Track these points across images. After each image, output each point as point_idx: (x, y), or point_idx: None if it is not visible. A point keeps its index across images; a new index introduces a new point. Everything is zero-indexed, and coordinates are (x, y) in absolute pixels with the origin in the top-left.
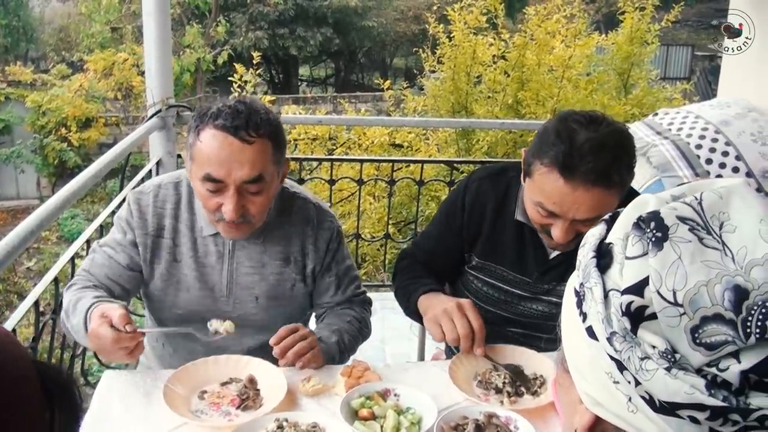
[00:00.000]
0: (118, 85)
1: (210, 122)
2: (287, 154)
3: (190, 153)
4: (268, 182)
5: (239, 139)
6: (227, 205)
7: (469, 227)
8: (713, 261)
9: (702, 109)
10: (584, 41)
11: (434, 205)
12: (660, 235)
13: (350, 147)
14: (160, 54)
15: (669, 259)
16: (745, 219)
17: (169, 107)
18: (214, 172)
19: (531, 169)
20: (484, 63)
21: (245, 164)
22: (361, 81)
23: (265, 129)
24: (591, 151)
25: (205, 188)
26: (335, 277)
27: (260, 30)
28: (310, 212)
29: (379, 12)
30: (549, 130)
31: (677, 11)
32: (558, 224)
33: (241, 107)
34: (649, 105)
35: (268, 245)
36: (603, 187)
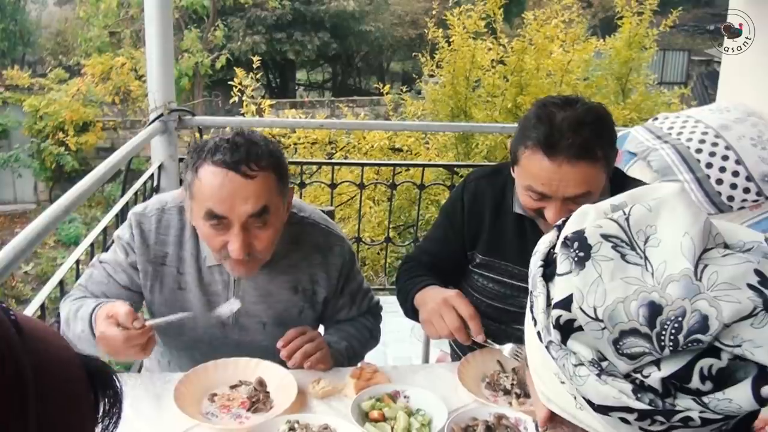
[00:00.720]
0: (115, 89)
1: (208, 158)
2: (288, 158)
3: (189, 192)
4: (273, 215)
5: (240, 174)
6: (233, 244)
7: (470, 225)
8: (633, 277)
9: (702, 114)
10: (583, 46)
11: (434, 209)
12: (582, 254)
13: (350, 151)
14: (161, 58)
15: (590, 278)
16: (669, 232)
17: (171, 111)
18: (216, 208)
19: (517, 155)
20: (483, 67)
21: (249, 199)
22: (358, 85)
23: (266, 161)
24: (570, 127)
25: (209, 226)
26: (349, 297)
27: (258, 34)
28: (319, 239)
29: (376, 17)
30: (529, 116)
31: (675, 16)
32: (550, 206)
33: (240, 140)
34: (647, 109)
35: (275, 274)
36: (586, 161)
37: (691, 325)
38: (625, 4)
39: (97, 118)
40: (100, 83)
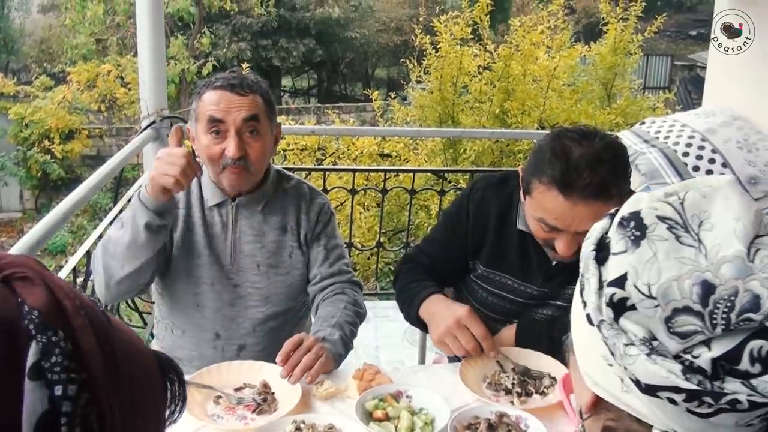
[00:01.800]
0: (101, 96)
1: (210, 85)
2: (278, 164)
3: (194, 116)
4: (263, 127)
5: (235, 93)
6: (230, 145)
7: (473, 235)
8: (687, 258)
9: (688, 118)
10: (568, 52)
11: (423, 215)
12: (638, 233)
13: (339, 157)
14: (153, 66)
15: (645, 256)
16: (723, 217)
17: (163, 118)
18: (215, 114)
19: (530, 187)
20: (470, 73)
21: (242, 107)
22: (343, 92)
23: (256, 88)
24: (587, 166)
25: (209, 137)
26: (323, 249)
27: (243, 41)
28: (305, 189)
29: (361, 23)
30: (544, 148)
31: (660, 22)
32: (561, 238)
33: (235, 74)
34: (632, 114)
35: (268, 215)
36: (602, 200)
37: (743, 304)
38: (610, 11)
39: (83, 125)
40: (85, 91)
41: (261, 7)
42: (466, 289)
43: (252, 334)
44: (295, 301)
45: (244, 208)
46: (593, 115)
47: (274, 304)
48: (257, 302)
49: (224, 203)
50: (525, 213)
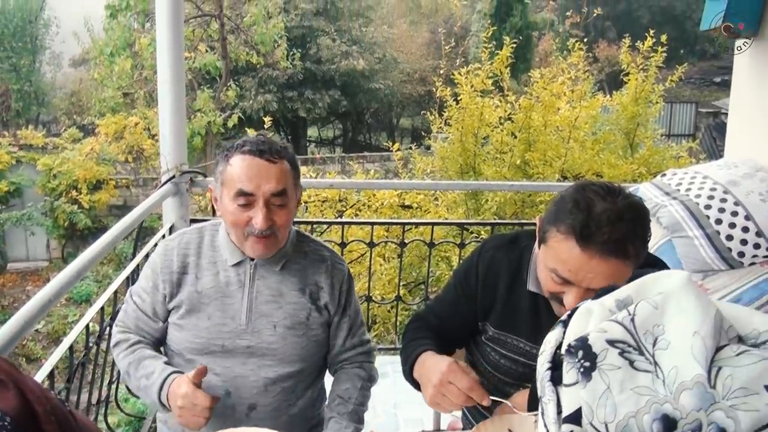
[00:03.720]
0: (128, 148)
1: (238, 150)
2: (298, 217)
3: (220, 179)
4: (290, 198)
5: (265, 159)
6: (258, 217)
7: (483, 296)
8: (644, 386)
9: (709, 170)
10: (589, 102)
11: (444, 266)
12: (588, 364)
13: (360, 209)
14: (174, 121)
15: (598, 390)
16: (679, 331)
17: (183, 173)
18: (245, 187)
19: (546, 236)
20: (491, 124)
21: (272, 179)
22: (368, 141)
23: (284, 153)
24: (608, 221)
25: (236, 204)
26: (348, 319)
27: (269, 93)
28: (325, 253)
29: (385, 75)
30: (566, 198)
31: (681, 71)
32: (571, 292)
33: (263, 138)
34: (655, 164)
35: (286, 275)
36: (618, 258)
37: None
38: (630, 61)
39: (110, 176)
40: (113, 142)
41: (287, 61)
42: (479, 352)
43: (264, 394)
44: (308, 362)
45: (262, 268)
46: (615, 165)
47: (287, 364)
48: (271, 362)
49: (243, 262)
50: (537, 263)
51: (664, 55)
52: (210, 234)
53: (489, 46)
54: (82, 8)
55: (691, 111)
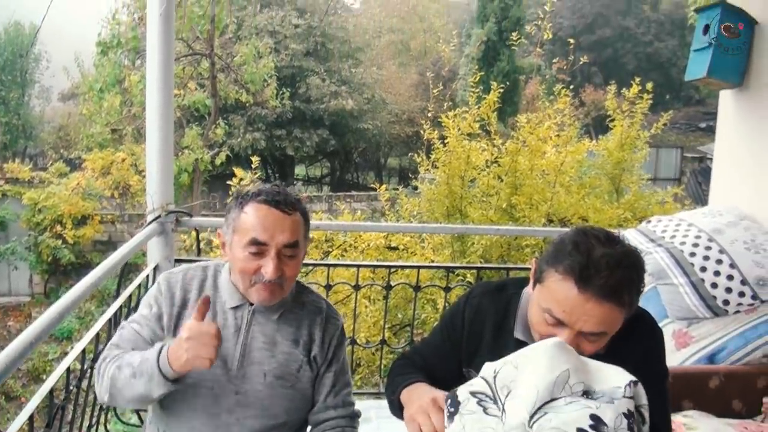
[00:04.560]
0: (115, 183)
1: (253, 198)
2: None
3: (233, 226)
4: (300, 250)
5: (280, 210)
6: (269, 266)
7: (468, 342)
8: (490, 428)
9: (694, 217)
10: (575, 147)
11: (430, 309)
12: (453, 410)
13: (346, 249)
14: (161, 160)
15: (457, 429)
16: (524, 386)
17: (169, 213)
18: (259, 236)
19: (543, 276)
20: (478, 167)
21: (286, 230)
22: (356, 180)
23: (298, 206)
24: (607, 266)
25: (248, 252)
26: (333, 375)
27: (258, 131)
28: (323, 305)
29: (374, 115)
30: (566, 241)
31: (666, 118)
32: (563, 334)
33: (278, 189)
34: (641, 209)
35: (282, 325)
36: (614, 303)
37: None
38: (616, 107)
39: (96, 211)
40: (100, 177)
41: (276, 100)
42: None
43: None
44: (293, 416)
45: (260, 314)
46: (601, 209)
47: (273, 416)
48: (257, 412)
49: (242, 306)
50: (530, 305)
51: (649, 102)
52: (213, 274)
53: (476, 91)
54: (73, 44)
55: (676, 156)
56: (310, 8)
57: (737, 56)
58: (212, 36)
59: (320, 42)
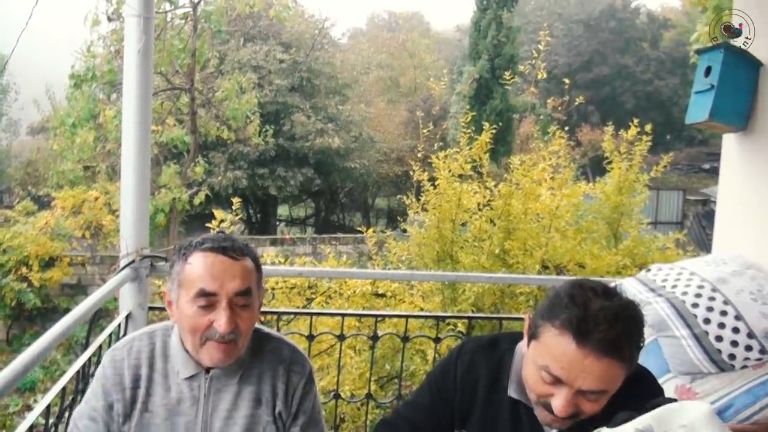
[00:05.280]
0: (86, 223)
1: (197, 248)
2: (264, 306)
3: (177, 281)
4: (254, 299)
5: (228, 256)
6: (221, 319)
7: (461, 402)
8: None
9: (697, 266)
10: (571, 190)
11: (419, 360)
12: None
13: (330, 296)
14: (137, 201)
15: None
16: None
17: (143, 258)
18: (207, 286)
19: (539, 331)
20: (470, 210)
21: (237, 277)
22: (341, 221)
23: (247, 252)
24: (606, 319)
25: (197, 306)
26: (299, 430)
27: (239, 169)
28: (284, 352)
29: (361, 153)
30: (561, 294)
31: (667, 160)
32: (561, 393)
33: (224, 235)
34: (640, 255)
35: (243, 386)
36: (613, 358)
37: None
38: (613, 149)
39: (65, 252)
40: (70, 217)
41: (259, 137)
42: None
43: None
44: None
45: (218, 381)
46: (599, 256)
47: None
48: None
49: (197, 376)
50: (525, 363)
51: (649, 143)
52: (162, 340)
53: (468, 131)
54: (44, 76)
55: (678, 198)
56: (296, 43)
57: (741, 98)
58: (193, 70)
59: (306, 77)
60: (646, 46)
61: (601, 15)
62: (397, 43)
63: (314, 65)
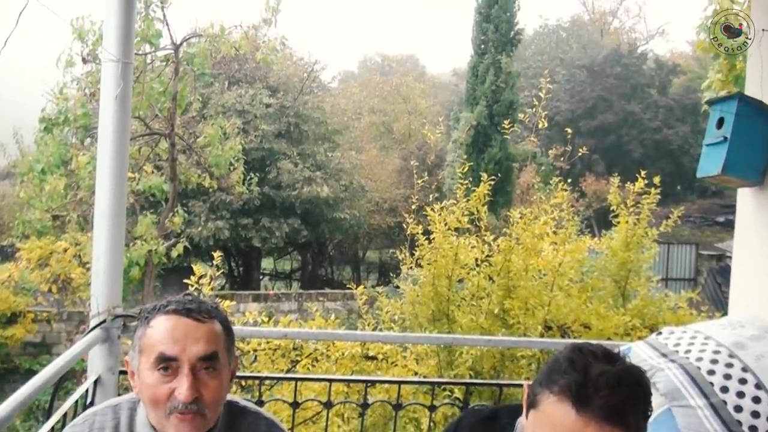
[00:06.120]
0: (54, 276)
1: (161, 311)
2: (246, 371)
3: (138, 347)
4: (222, 366)
5: (192, 318)
6: (182, 386)
7: None
8: None
9: (712, 329)
10: (575, 245)
11: (412, 429)
12: None
13: (317, 359)
14: (110, 254)
15: None
16: None
17: (115, 317)
18: (167, 350)
19: (537, 399)
20: (467, 266)
21: (200, 340)
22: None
23: (215, 312)
24: (607, 384)
25: (157, 375)
26: None
27: (221, 219)
28: (261, 428)
29: (352, 203)
30: (560, 359)
31: (678, 214)
32: None
33: (191, 297)
34: (651, 315)
35: None
36: (617, 426)
37: None
38: (620, 202)
39: (29, 308)
40: (36, 269)
41: (243, 185)
42: None
43: None
44: None
45: None
46: (606, 316)
47: None
48: None
49: None
50: None
51: (657, 197)
52: (127, 415)
53: (465, 182)
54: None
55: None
56: (284, 86)
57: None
58: (173, 114)
59: (293, 123)
60: (654, 93)
61: (606, 60)
62: (390, 87)
63: (303, 110)
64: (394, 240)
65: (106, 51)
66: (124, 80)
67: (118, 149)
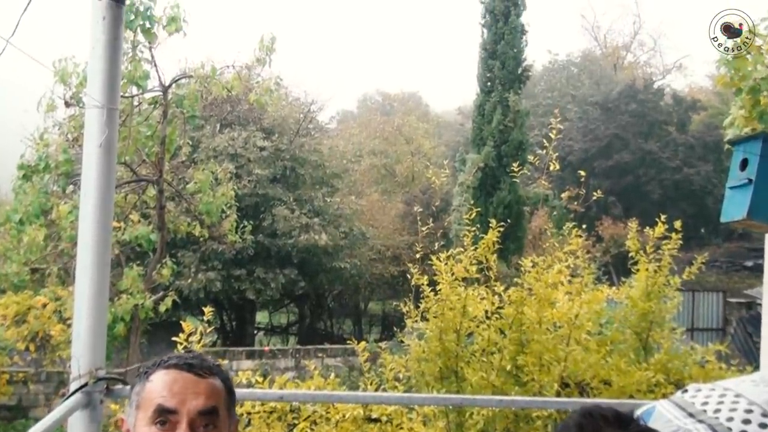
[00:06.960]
0: (31, 334)
1: (161, 366)
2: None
3: (136, 403)
4: (222, 422)
5: (193, 374)
6: None
7: None
8: None
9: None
10: (592, 295)
11: None
12: None
13: (316, 422)
14: (93, 312)
15: None
16: None
17: (98, 380)
18: (166, 402)
19: None
20: (476, 319)
21: (200, 395)
22: (329, 329)
23: (217, 371)
24: None
25: (155, 428)
26: None
27: (213, 270)
28: None
29: (352, 252)
30: (569, 425)
31: (702, 260)
32: None
33: (193, 353)
34: (675, 370)
35: None
36: None
37: None
38: (639, 248)
39: (4, 368)
40: (12, 326)
41: (236, 234)
42: None
43: None
44: None
45: None
46: (627, 371)
47: None
48: None
49: None
50: None
51: (679, 242)
52: None
53: (472, 229)
54: None
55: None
56: (279, 128)
57: None
58: (162, 159)
59: (289, 167)
60: (673, 130)
61: (620, 96)
62: (391, 128)
63: (299, 153)
64: (398, 290)
65: (90, 96)
66: (109, 127)
67: (103, 197)
